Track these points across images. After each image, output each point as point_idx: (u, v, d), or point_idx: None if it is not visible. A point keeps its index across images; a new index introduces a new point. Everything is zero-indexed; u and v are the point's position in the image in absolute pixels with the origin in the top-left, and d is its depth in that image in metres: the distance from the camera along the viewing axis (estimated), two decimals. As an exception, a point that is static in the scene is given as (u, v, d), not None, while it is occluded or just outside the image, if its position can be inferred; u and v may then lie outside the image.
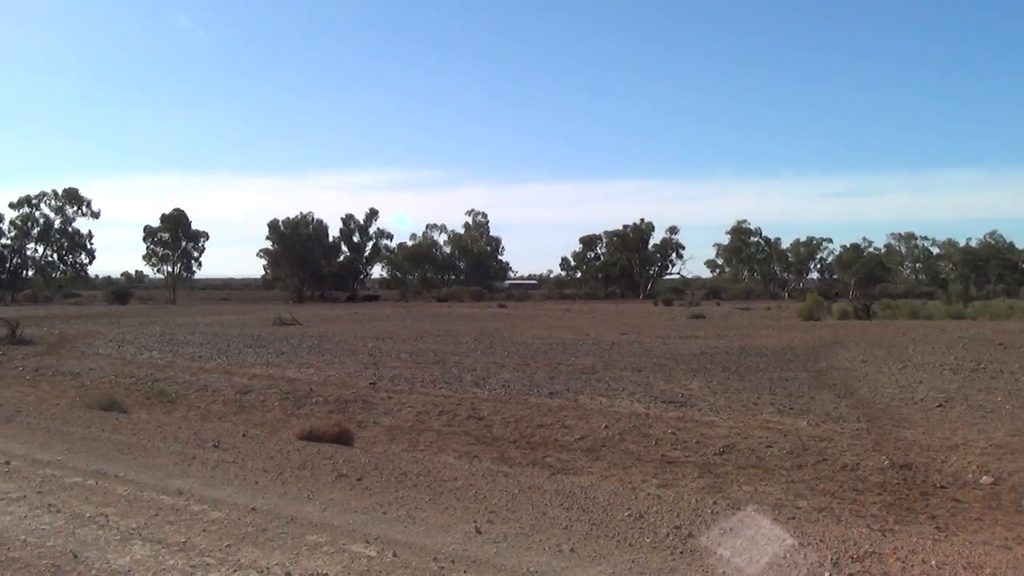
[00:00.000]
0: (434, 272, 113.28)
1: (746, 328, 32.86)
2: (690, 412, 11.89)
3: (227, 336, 27.66)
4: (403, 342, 25.07)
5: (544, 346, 23.41)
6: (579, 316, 45.86)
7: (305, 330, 31.18)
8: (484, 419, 11.54)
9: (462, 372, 16.67)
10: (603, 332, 30.13)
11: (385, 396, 13.42)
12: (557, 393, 13.71)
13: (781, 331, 30.75)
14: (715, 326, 34.23)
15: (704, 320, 40.01)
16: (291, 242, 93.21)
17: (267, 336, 27.61)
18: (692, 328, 32.62)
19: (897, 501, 7.54)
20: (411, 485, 7.44)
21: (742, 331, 30.79)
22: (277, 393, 13.98)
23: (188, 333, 29.39)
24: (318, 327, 33.36)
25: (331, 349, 22.38)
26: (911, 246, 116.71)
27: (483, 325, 35.06)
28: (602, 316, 45.93)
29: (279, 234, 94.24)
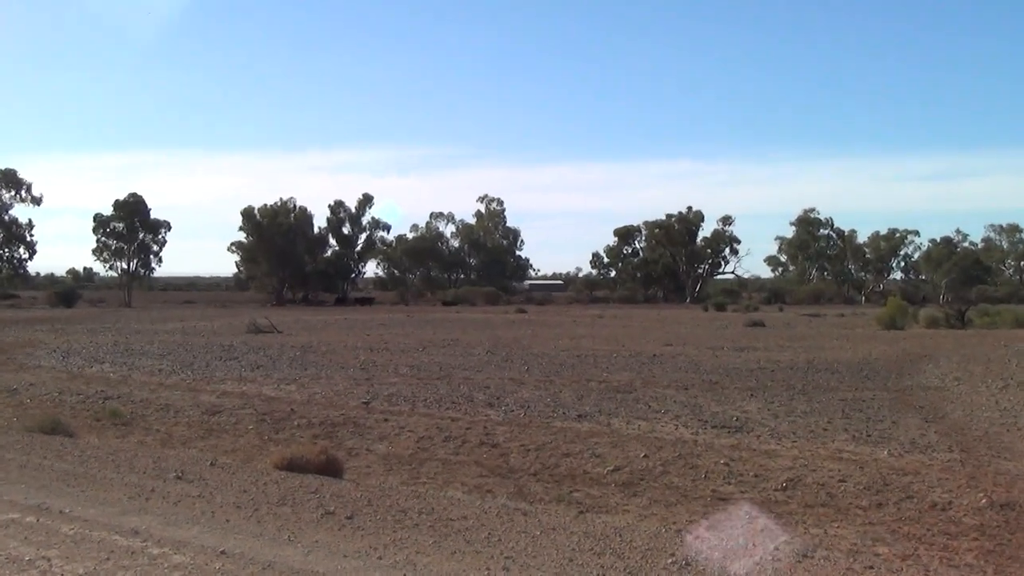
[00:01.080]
0: (440, 270, 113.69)
1: (814, 338, 32.66)
2: (747, 439, 11.82)
3: (192, 346, 27.85)
4: (402, 353, 25.12)
5: (571, 359, 23.38)
6: (613, 323, 45.77)
7: (286, 339, 31.34)
8: (499, 446, 11.53)
9: (473, 390, 16.68)
10: (642, 342, 30.05)
11: (381, 418, 13.45)
12: (587, 416, 13.68)
13: (857, 342, 30.53)
14: (777, 336, 34.05)
15: (764, 329, 39.82)
16: (269, 234, 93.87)
17: (240, 346, 27.76)
18: (749, 338, 32.47)
19: (997, 548, 7.45)
20: (411, 525, 7.45)
21: (809, 342, 30.59)
22: (252, 414, 14.06)
23: (146, 342, 29.62)
24: (301, 335, 33.52)
25: (316, 362, 22.47)
26: (1014, 240, 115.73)
27: (498, 334, 35.09)
28: (641, 323, 45.82)
29: (255, 224, 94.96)
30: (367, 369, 20.64)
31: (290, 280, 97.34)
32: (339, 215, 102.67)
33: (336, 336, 33.09)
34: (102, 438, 12.48)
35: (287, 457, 10.06)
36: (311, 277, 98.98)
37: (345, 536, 7.14)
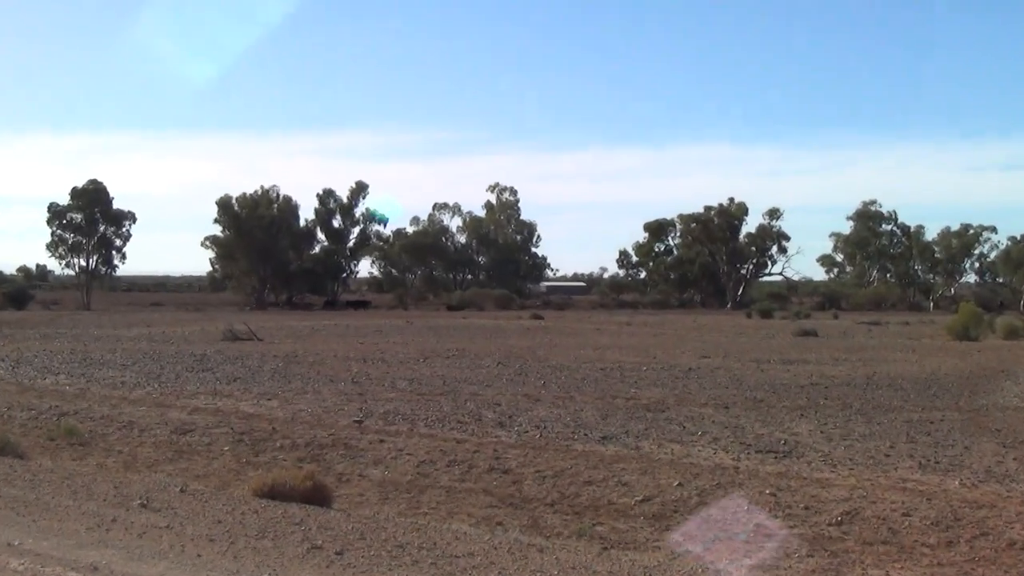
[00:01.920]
0: (444, 270, 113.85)
1: (875, 350, 32.53)
2: (796, 466, 11.78)
3: (160, 355, 27.96)
4: (400, 365, 25.15)
5: (594, 372, 23.37)
6: (643, 332, 45.71)
7: (267, 347, 31.43)
8: (511, 472, 11.53)
9: (481, 407, 16.69)
10: (676, 354, 30.00)
11: (375, 439, 13.48)
12: (612, 438, 13.67)
13: (924, 355, 30.40)
14: (832, 347, 33.92)
15: (816, 339, 39.69)
16: (248, 227, 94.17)
17: (215, 355, 27.86)
18: (800, 349, 32.37)
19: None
20: (410, 562, 7.45)
21: (869, 354, 30.48)
22: (228, 433, 14.10)
23: (107, 350, 29.76)
24: (284, 344, 33.61)
25: (302, 374, 22.53)
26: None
27: (511, 343, 35.10)
28: (675, 332, 45.74)
29: (232, 216, 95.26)
30: (360, 383, 20.67)
31: (272, 280, 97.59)
32: (329, 206, 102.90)
33: (325, 345, 33.16)
34: (56, 460, 12.54)
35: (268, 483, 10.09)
36: (296, 277, 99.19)
37: (334, 574, 7.15)
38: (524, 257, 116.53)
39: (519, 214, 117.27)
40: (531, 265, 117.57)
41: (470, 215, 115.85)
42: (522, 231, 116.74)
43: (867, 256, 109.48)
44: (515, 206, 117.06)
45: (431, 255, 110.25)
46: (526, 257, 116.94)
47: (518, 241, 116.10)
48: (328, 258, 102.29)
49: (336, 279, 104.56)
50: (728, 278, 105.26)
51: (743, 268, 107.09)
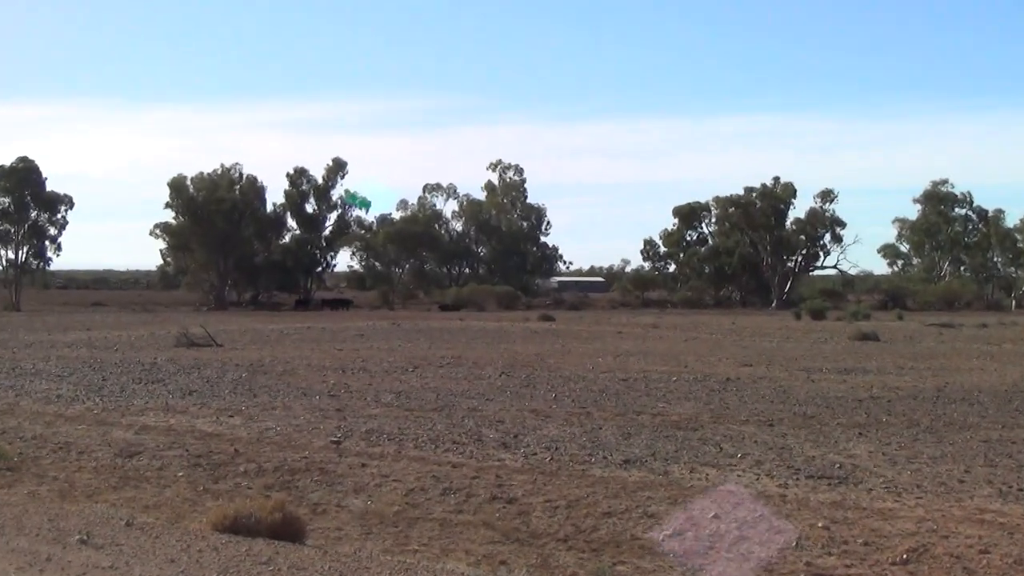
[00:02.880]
0: (437, 263, 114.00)
1: (946, 357, 32.47)
2: (853, 494, 11.76)
3: (103, 363, 27.97)
4: (386, 375, 25.15)
5: (615, 384, 23.35)
6: (673, 335, 45.66)
7: (228, 355, 31.44)
8: (517, 502, 11.51)
9: (481, 425, 16.68)
10: (712, 361, 29.97)
11: (356, 462, 13.47)
12: (635, 461, 13.65)
13: (1005, 362, 30.33)
14: (896, 353, 33.87)
15: (877, 344, 39.62)
16: (206, 212, 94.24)
17: (167, 364, 27.87)
18: (858, 356, 32.32)
19: None
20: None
21: (940, 362, 30.42)
22: (182, 456, 14.10)
23: (40, 358, 29.78)
24: (249, 350, 33.61)
25: (270, 386, 22.52)
26: None
27: (516, 349, 35.09)
28: (710, 335, 45.69)
29: (187, 199, 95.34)
30: (338, 396, 20.66)
31: (234, 275, 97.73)
32: (301, 187, 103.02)
33: (296, 351, 33.16)
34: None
35: (230, 515, 10.07)
36: (263, 271, 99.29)
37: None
38: (531, 248, 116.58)
39: (525, 196, 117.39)
40: (540, 257, 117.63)
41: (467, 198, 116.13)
42: (529, 217, 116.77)
43: (937, 246, 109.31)
44: (521, 187, 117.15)
45: (421, 245, 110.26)
46: (534, 248, 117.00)
47: (524, 229, 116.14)
48: (300, 249, 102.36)
49: (310, 274, 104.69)
50: (773, 272, 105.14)
51: (790, 260, 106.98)
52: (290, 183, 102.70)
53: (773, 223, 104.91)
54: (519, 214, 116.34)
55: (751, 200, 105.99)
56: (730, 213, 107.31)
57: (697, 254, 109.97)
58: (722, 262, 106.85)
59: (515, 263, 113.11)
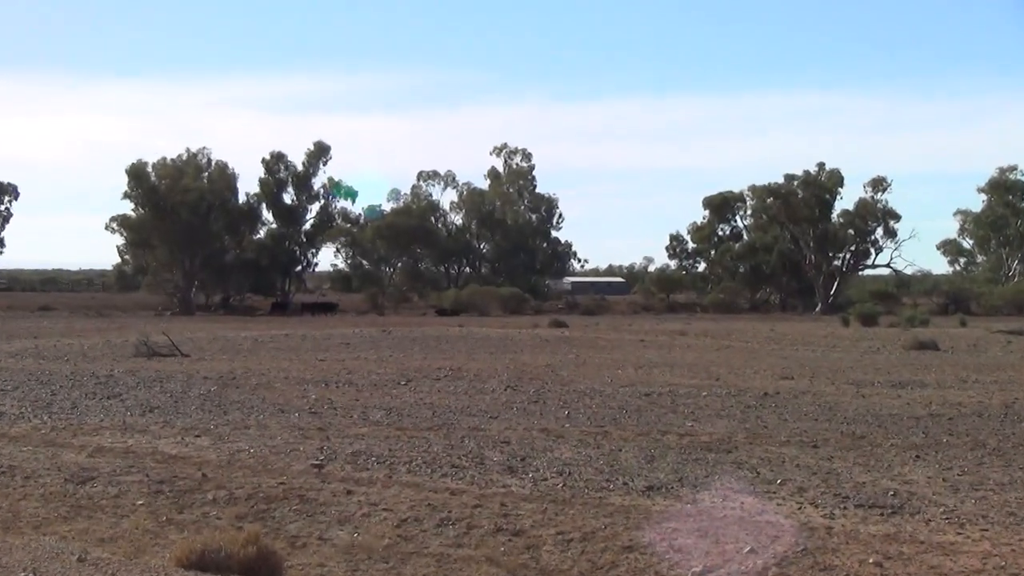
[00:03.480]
0: (433, 261, 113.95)
1: (1016, 368, 32.39)
2: (910, 525, 11.73)
3: (52, 376, 27.98)
4: (375, 389, 25.14)
5: (637, 399, 23.33)
6: (703, 343, 45.61)
7: (195, 366, 31.44)
8: (524, 534, 11.50)
9: (484, 446, 16.68)
10: (748, 374, 29.93)
11: (341, 489, 13.46)
12: (660, 487, 13.63)
13: (1084, 374, 30.22)
14: (958, 365, 33.80)
15: (937, 353, 39.54)
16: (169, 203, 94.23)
17: (125, 377, 27.87)
18: (915, 368, 32.27)
19: None
20: (387, 656, 7.43)
21: (1009, 374, 30.34)
22: (142, 482, 14.09)
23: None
24: (219, 361, 33.61)
25: (242, 402, 22.52)
26: None
27: (524, 359, 35.08)
28: (746, 344, 45.65)
29: (147, 189, 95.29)
30: (320, 414, 20.66)
31: (202, 275, 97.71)
32: (278, 175, 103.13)
33: (273, 362, 33.16)
34: (-87, 518, 12.54)
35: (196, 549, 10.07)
36: (235, 271, 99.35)
37: (285, 672, 7.13)
38: (541, 244, 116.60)
39: (534, 185, 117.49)
40: (550, 255, 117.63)
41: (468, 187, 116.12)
42: (539, 208, 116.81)
43: (1005, 241, 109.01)
44: (529, 175, 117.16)
45: (416, 241, 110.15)
46: (544, 244, 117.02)
47: (533, 222, 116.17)
48: (277, 245, 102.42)
49: (288, 274, 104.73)
50: (817, 271, 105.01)
51: (837, 258, 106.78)
52: (266, 170, 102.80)
53: (817, 215, 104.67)
54: (527, 205, 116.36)
55: (792, 189, 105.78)
56: (768, 204, 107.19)
57: (730, 251, 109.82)
58: (759, 260, 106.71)
59: (522, 261, 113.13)
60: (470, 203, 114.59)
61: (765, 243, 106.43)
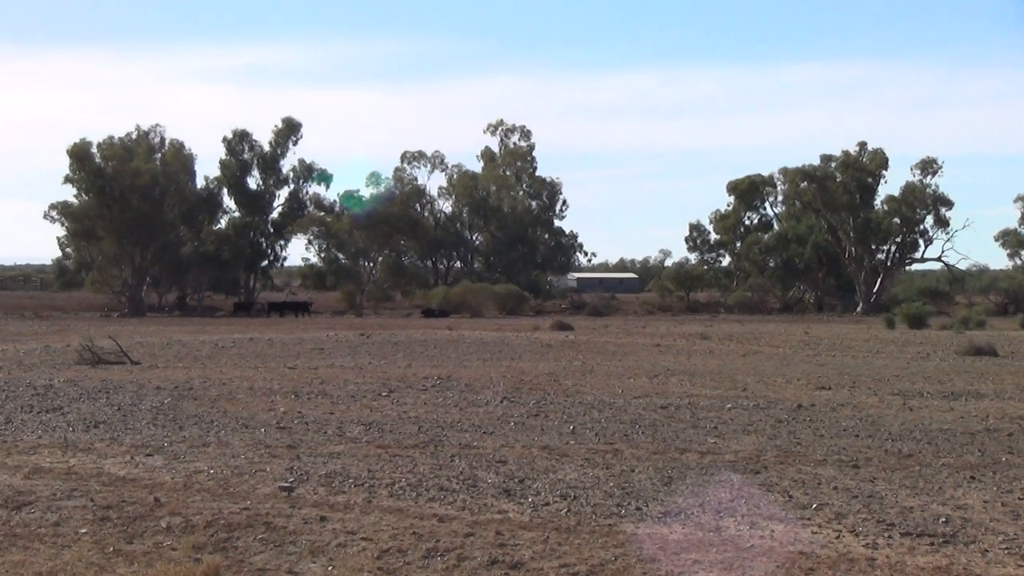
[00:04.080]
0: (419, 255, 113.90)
1: (1087, 377, 32.39)
2: (964, 556, 11.74)
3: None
4: (352, 401, 25.14)
5: (652, 413, 23.34)
6: (727, 348, 45.62)
7: (147, 375, 31.43)
8: (523, 567, 11.51)
9: (477, 466, 16.69)
10: (779, 383, 29.94)
11: (314, 515, 13.46)
12: (679, 513, 13.62)
13: None
14: (1018, 372, 33.82)
15: (995, 360, 39.55)
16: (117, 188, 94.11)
17: (66, 388, 27.86)
18: (970, 376, 32.27)
19: None
20: None
21: (1078, 383, 30.35)
22: (86, 508, 14.08)
23: (-97, 380, 29.76)
24: (174, 369, 33.60)
25: (200, 416, 22.51)
26: None
27: (522, 367, 35.07)
28: (776, 349, 45.65)
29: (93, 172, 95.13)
30: (290, 429, 20.66)
31: (155, 271, 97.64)
32: (241, 156, 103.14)
33: (235, 371, 33.15)
34: None
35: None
36: (192, 266, 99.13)
37: None
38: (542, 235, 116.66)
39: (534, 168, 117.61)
40: (553, 247, 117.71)
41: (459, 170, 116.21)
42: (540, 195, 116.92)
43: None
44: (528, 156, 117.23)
45: (399, 232, 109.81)
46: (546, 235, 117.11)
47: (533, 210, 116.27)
48: (241, 237, 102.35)
49: (253, 269, 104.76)
50: (858, 266, 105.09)
51: (881, 251, 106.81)
52: (227, 150, 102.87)
53: (858, 202, 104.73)
54: (526, 191, 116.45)
55: (829, 172, 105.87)
56: (802, 189, 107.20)
57: (759, 243, 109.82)
58: (791, 253, 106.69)
59: (521, 255, 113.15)
60: (461, 188, 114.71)
61: (798, 234, 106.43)
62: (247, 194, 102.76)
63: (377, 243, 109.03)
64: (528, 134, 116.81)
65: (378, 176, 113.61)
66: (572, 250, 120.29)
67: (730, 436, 20.06)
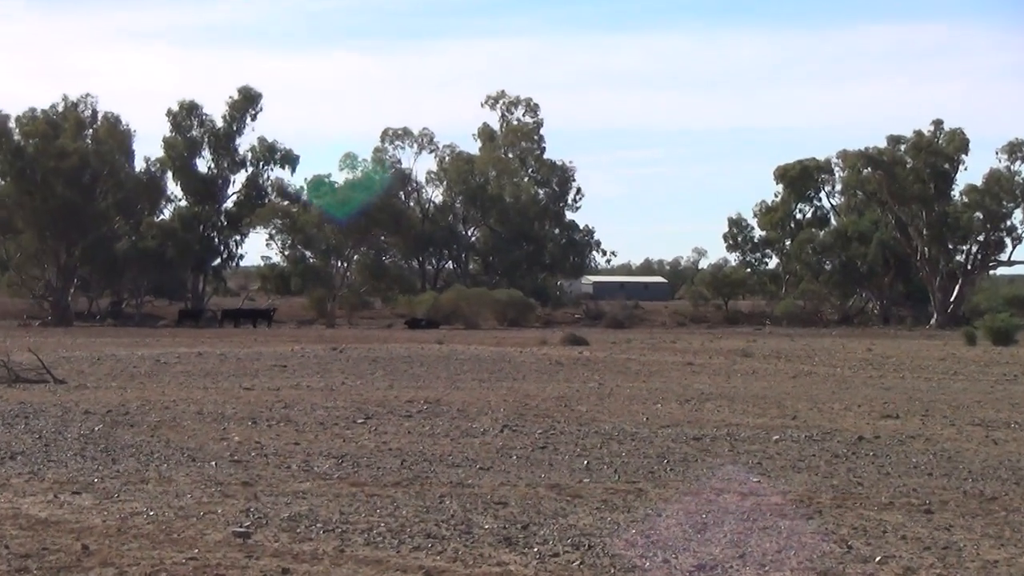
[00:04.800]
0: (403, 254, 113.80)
1: None
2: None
3: None
4: (321, 430, 25.16)
5: (683, 445, 23.36)
6: (773, 368, 45.61)
7: (74, 396, 31.44)
8: (526, 631, 11.50)
9: (472, 509, 16.66)
10: (836, 411, 29.95)
11: (274, 567, 13.45)
12: (715, 566, 13.61)
13: None
14: None
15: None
16: (40, 172, 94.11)
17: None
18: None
19: None
20: None
21: None
22: (1, 556, 14.08)
23: None
24: (107, 389, 33.60)
25: (138, 446, 22.50)
26: None
27: (527, 389, 35.09)
28: (833, 369, 45.63)
29: (11, 152, 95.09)
30: (246, 463, 20.65)
31: (85, 271, 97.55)
32: (189, 133, 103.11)
33: (181, 392, 33.16)
34: None
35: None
36: (130, 265, 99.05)
37: None
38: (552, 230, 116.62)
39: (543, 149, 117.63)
40: (565, 245, 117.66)
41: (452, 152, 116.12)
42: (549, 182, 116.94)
43: None
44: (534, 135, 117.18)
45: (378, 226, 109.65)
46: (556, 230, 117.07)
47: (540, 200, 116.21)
48: (188, 230, 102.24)
49: (203, 269, 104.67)
50: (932, 269, 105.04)
51: (960, 251, 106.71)
52: (172, 126, 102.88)
53: (933, 193, 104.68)
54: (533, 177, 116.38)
55: (898, 157, 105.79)
56: (865, 177, 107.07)
57: (813, 241, 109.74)
58: (852, 253, 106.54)
59: (526, 254, 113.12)
60: (454, 173, 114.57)
61: (860, 230, 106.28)
62: (196, 179, 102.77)
63: (352, 239, 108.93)
64: (535, 108, 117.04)
65: (354, 158, 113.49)
66: (587, 248, 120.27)
67: (777, 474, 20.05)
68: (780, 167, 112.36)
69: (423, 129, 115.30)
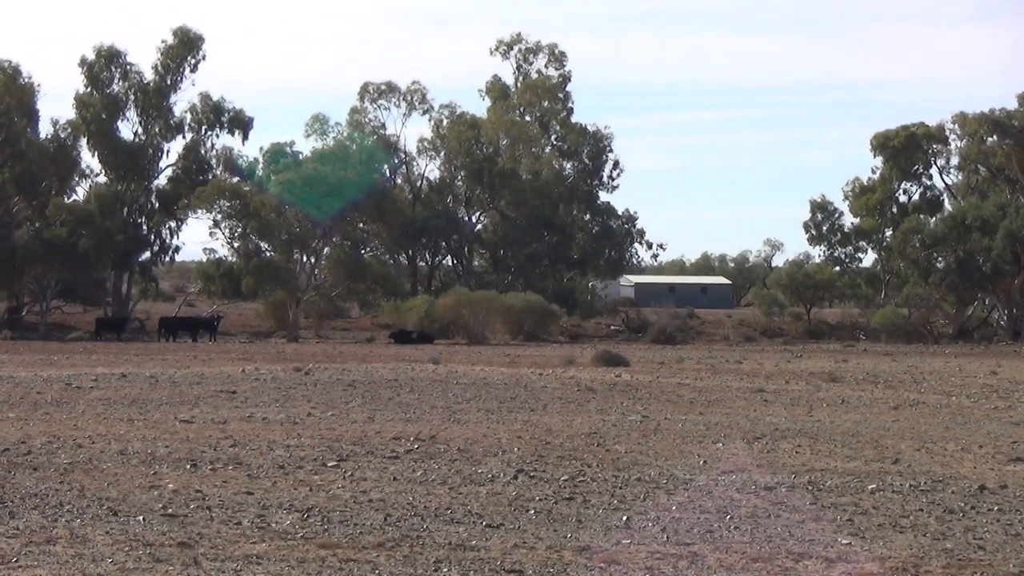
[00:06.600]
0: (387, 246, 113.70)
1: None
2: None
3: None
4: (281, 475, 25.21)
5: (750, 496, 23.38)
6: (870, 396, 45.66)
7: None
8: None
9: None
10: (950, 452, 30.00)
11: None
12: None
13: None
14: None
15: None
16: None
17: None
18: None
19: None
20: None
21: None
22: None
23: None
24: (3, 422, 33.70)
25: (43, 495, 22.57)
26: None
27: (548, 422, 35.20)
28: (947, 398, 45.67)
29: None
30: (184, 517, 20.68)
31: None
32: (109, 88, 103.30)
33: (99, 425, 33.26)
34: None
35: None
36: (32, 260, 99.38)
37: None
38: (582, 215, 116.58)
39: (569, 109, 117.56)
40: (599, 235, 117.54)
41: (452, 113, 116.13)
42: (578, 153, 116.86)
43: None
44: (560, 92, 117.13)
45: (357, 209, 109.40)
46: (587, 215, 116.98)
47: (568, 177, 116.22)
48: (109, 215, 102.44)
49: (127, 266, 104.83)
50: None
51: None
52: (88, 79, 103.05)
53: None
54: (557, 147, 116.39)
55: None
56: (989, 147, 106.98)
57: (922, 231, 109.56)
58: (972, 247, 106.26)
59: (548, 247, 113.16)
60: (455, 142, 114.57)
61: (983, 217, 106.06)
62: (119, 148, 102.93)
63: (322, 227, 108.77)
64: (560, 57, 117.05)
65: (324, 121, 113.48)
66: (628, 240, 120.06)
67: (874, 534, 20.05)
68: (879, 134, 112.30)
69: (413, 83, 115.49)
